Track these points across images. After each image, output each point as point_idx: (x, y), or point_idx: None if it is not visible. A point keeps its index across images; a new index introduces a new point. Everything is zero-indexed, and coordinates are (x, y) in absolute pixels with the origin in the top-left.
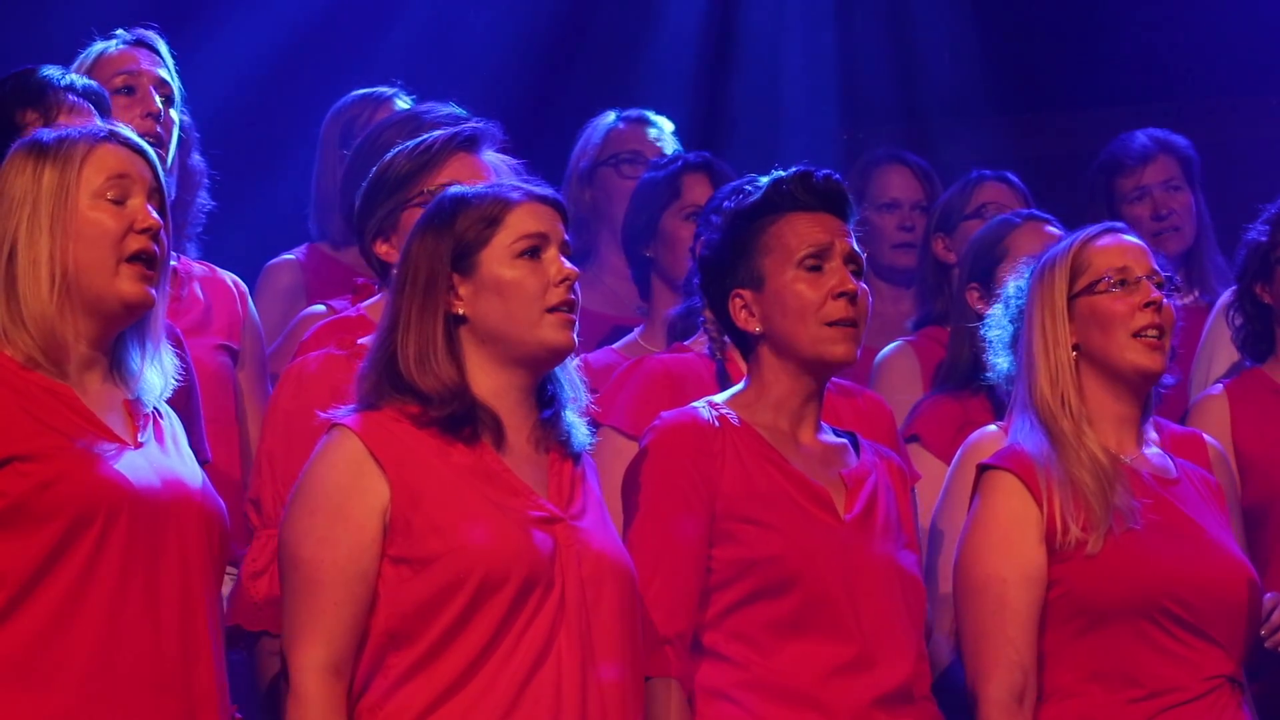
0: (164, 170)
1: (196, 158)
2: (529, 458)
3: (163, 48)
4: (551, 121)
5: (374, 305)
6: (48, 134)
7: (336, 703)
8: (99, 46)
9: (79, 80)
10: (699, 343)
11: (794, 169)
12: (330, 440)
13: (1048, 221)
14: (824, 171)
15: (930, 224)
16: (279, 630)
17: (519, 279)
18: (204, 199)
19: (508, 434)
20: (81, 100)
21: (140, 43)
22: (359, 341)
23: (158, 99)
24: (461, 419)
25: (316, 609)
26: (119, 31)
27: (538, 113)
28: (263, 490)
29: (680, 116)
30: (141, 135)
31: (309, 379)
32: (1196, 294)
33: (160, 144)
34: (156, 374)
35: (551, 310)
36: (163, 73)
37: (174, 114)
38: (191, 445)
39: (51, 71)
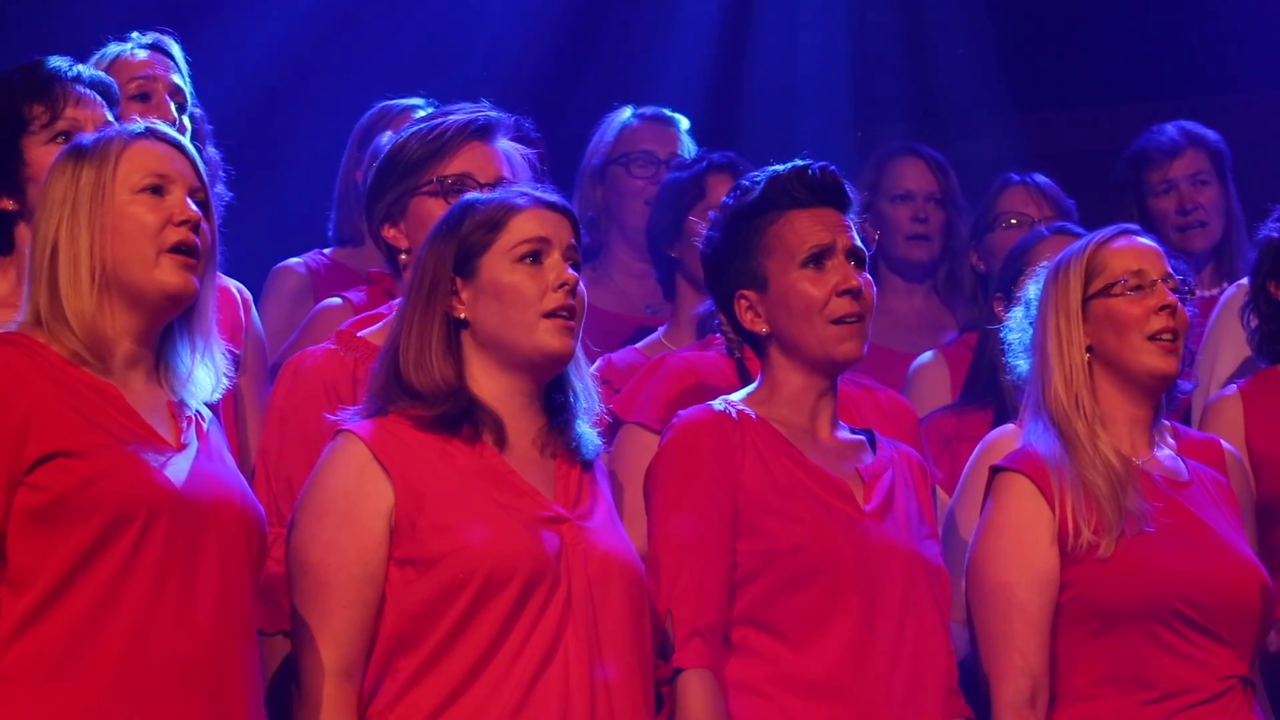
0: (203, 165)
1: (211, 151)
2: (534, 461)
3: (177, 52)
4: (567, 118)
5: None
6: (87, 138)
7: (347, 706)
8: (114, 49)
9: (86, 71)
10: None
11: (790, 165)
12: (336, 445)
13: (1077, 236)
14: (819, 165)
15: (969, 235)
16: (270, 629)
17: (517, 283)
18: (221, 192)
19: (510, 437)
20: (89, 91)
21: (155, 47)
22: (358, 335)
23: (173, 106)
24: (457, 418)
25: (326, 612)
26: (133, 34)
27: (553, 109)
28: (257, 488)
29: (695, 113)
30: None
31: (304, 374)
32: (1225, 285)
33: None
34: (207, 372)
35: (549, 315)
36: (176, 78)
37: (186, 120)
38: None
39: (59, 63)
